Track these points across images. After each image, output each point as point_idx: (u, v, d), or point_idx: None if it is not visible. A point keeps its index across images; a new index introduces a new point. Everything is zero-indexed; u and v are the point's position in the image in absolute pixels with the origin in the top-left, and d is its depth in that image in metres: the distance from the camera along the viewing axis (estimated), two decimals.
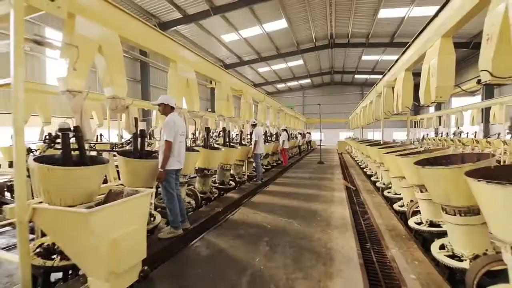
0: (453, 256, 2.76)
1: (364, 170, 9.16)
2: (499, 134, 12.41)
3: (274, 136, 12.26)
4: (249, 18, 15.59)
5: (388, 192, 5.52)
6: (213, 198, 5.65)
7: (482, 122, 16.39)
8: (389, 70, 6.88)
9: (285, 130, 11.23)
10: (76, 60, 2.86)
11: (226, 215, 4.46)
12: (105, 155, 4.52)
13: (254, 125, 7.49)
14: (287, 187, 6.75)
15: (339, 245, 3.10)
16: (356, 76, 30.70)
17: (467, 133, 14.41)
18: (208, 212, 4.43)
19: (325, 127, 29.57)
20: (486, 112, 16.88)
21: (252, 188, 6.51)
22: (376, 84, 8.78)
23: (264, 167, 9.66)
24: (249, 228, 3.69)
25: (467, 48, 18.30)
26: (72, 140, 2.78)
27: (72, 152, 2.78)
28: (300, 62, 24.96)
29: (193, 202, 4.88)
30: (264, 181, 7.41)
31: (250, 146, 7.40)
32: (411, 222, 3.79)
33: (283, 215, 4.32)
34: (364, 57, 23.92)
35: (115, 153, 3.84)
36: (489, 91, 18.12)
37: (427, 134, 21.94)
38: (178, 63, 4.87)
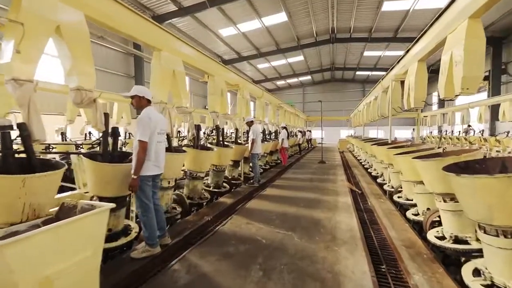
0: (492, 286, 2.21)
1: (369, 170, 8.60)
2: (508, 132, 11.83)
3: (273, 134, 11.69)
4: (247, 11, 14.94)
5: (399, 197, 4.96)
6: (204, 203, 5.10)
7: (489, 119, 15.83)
8: (398, 62, 6.29)
9: (284, 128, 10.66)
10: (21, 41, 2.29)
11: (216, 225, 3.90)
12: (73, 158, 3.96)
13: (250, 123, 6.91)
14: (286, 190, 6.19)
15: (349, 268, 2.54)
16: (358, 72, 30.03)
17: (482, 131, 13.81)
18: (196, 222, 3.87)
19: (325, 125, 28.82)
20: (492, 109, 16.31)
21: (248, 191, 5.95)
22: (383, 79, 8.19)
23: (262, 167, 9.10)
24: (241, 244, 3.13)
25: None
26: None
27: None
28: (301, 58, 24.31)
29: (180, 209, 4.33)
30: (262, 183, 6.86)
31: (247, 145, 6.83)
32: (431, 236, 3.23)
33: (281, 226, 3.76)
34: (366, 53, 23.27)
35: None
36: (495, 87, 17.48)
37: (430, 132, 21.41)
38: (162, 52, 4.29)
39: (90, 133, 10.42)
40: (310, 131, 22.97)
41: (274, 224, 3.85)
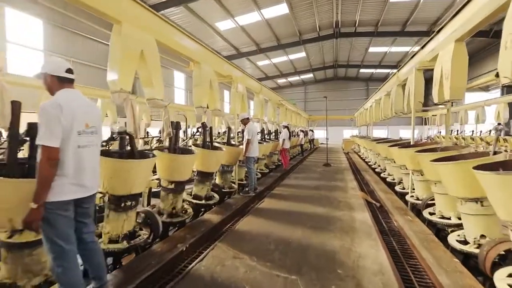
0: None
1: (382, 176, 7.49)
2: None
3: (274, 134, 10.61)
4: (246, 2, 13.87)
5: (431, 214, 3.87)
6: (187, 220, 4.03)
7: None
8: (422, 47, 5.19)
9: (286, 127, 9.57)
10: None
11: (192, 259, 2.82)
12: None
13: (245, 121, 5.83)
14: (287, 201, 5.12)
15: None
16: (362, 70, 28.92)
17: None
18: (163, 255, 2.79)
19: (328, 124, 27.66)
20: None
21: (241, 203, 4.88)
22: (398, 70, 7.09)
23: (261, 171, 8.02)
24: None
25: (487, 37, 16.50)
26: None
27: None
28: (302, 54, 23.18)
29: (149, 232, 3.26)
30: (259, 191, 5.78)
31: (241, 146, 5.75)
32: (501, 282, 2.16)
33: (281, 263, 2.68)
34: (371, 49, 22.13)
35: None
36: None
37: (439, 132, 20.26)
38: (124, 25, 3.23)
39: None
40: (312, 130, 21.86)
41: (272, 258, 2.77)
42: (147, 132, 12.12)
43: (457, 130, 17.64)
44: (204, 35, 17.40)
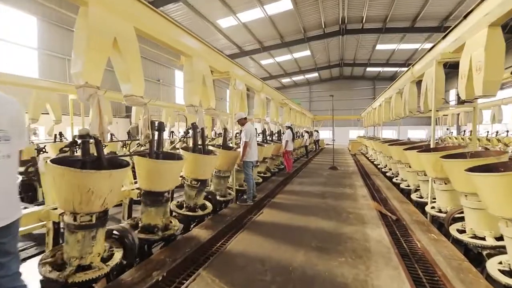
0: None
1: (394, 181, 6.84)
2: None
3: (276, 134, 10.02)
4: None
5: (462, 233, 3.24)
6: (175, 235, 3.47)
7: None
8: (444, 37, 4.54)
9: (289, 127, 8.96)
10: None
11: None
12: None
13: (242, 121, 5.26)
14: (289, 213, 4.52)
15: None
16: (368, 69, 28.10)
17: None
18: None
19: (334, 124, 26.93)
20: None
21: (237, 214, 4.31)
22: (412, 66, 6.41)
23: (262, 175, 7.44)
24: None
25: (503, 32, 15.61)
26: None
27: None
28: (307, 53, 22.51)
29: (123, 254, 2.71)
30: (258, 200, 5.20)
31: (239, 150, 5.17)
32: None
33: None
34: (378, 46, 21.36)
35: None
36: None
37: (451, 133, 19.42)
38: (90, 6, 2.68)
39: (61, 134, 8.96)
40: (317, 131, 21.18)
41: None
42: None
43: (464, 131, 16.82)
44: (206, 33, 16.87)
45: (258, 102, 8.06)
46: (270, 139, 9.10)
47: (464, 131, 17.46)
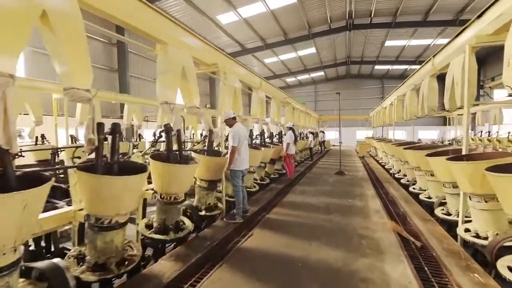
0: None
1: (411, 189, 5.88)
2: None
3: (277, 136, 9.16)
4: None
5: None
6: (139, 266, 2.65)
7: None
8: (482, 13, 3.62)
9: (291, 128, 8.08)
10: None
11: None
12: None
13: (230, 121, 4.43)
14: (285, 236, 3.66)
15: None
16: (376, 67, 26.96)
17: None
18: None
19: (341, 125, 25.83)
20: None
21: (219, 238, 3.47)
22: (434, 56, 5.47)
23: (258, 181, 6.59)
24: None
25: None
26: None
27: None
28: (312, 50, 21.56)
29: None
30: (249, 215, 4.35)
31: (226, 156, 4.33)
32: None
33: None
34: (388, 43, 20.31)
35: None
36: None
37: (480, 132, 18.28)
38: None
39: (43, 136, 8.32)
40: (323, 132, 20.21)
41: None
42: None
43: (488, 131, 15.67)
44: (206, 30, 16.12)
45: (255, 99, 7.21)
46: (270, 141, 8.26)
47: (481, 131, 16.29)
